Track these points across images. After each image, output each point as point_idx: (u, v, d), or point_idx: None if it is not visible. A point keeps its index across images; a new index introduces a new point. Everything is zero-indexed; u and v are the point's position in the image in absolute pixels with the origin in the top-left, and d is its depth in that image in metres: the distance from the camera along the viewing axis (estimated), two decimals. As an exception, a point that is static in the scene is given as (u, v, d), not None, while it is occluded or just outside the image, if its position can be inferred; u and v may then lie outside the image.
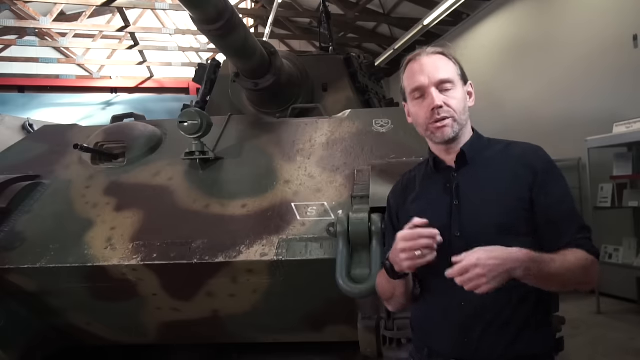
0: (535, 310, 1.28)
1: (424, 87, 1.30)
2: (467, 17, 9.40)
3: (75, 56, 12.89)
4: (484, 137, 1.41)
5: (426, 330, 1.36)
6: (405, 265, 1.19)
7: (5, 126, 5.94)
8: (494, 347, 1.24)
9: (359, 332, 2.32)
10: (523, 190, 1.27)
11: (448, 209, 1.31)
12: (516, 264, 1.10)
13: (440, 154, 1.38)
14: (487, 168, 1.33)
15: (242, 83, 3.10)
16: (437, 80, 1.30)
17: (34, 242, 2.42)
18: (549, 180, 1.29)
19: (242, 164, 2.76)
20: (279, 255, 2.23)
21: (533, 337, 1.26)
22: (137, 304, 2.50)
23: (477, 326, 1.25)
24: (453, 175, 1.35)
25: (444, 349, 1.29)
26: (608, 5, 6.02)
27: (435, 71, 1.31)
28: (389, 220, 1.51)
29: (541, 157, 1.33)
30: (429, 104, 1.30)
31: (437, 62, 1.32)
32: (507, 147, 1.37)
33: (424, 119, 1.32)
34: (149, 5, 9.67)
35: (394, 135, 2.78)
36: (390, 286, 1.34)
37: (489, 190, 1.29)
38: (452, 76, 1.32)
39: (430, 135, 1.34)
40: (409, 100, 1.37)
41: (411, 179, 1.47)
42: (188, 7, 2.25)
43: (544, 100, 7.13)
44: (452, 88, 1.32)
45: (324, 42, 4.96)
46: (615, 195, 5.03)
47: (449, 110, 1.30)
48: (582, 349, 3.85)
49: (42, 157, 2.98)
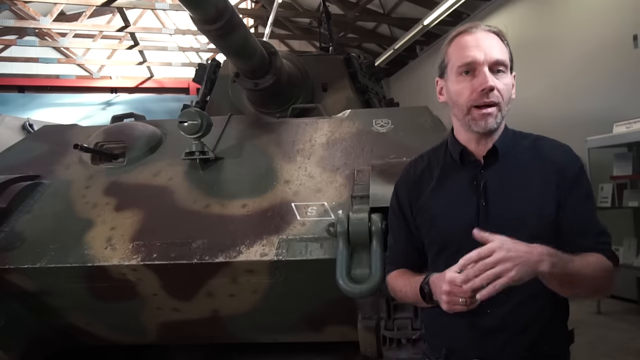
0: (555, 314, 1.26)
1: (478, 63, 1.18)
2: (467, 17, 9.40)
3: (75, 56, 12.91)
4: (510, 130, 1.31)
5: (445, 333, 1.30)
6: (444, 306, 1.10)
7: (5, 126, 5.94)
8: (517, 349, 1.22)
9: (359, 332, 2.32)
10: (553, 195, 1.22)
11: (475, 210, 1.23)
12: (543, 257, 1.03)
13: (470, 145, 1.27)
14: (517, 167, 1.25)
15: (242, 83, 3.10)
16: (493, 59, 1.18)
17: (34, 242, 2.42)
18: (575, 184, 1.24)
19: (242, 164, 2.76)
20: (279, 255, 2.23)
21: (554, 339, 1.25)
22: (137, 304, 2.50)
23: (502, 331, 1.22)
24: (480, 172, 1.25)
25: (465, 350, 1.26)
26: (608, 5, 6.02)
27: (492, 49, 1.19)
28: (398, 209, 1.39)
29: (570, 160, 1.26)
30: (480, 83, 1.17)
31: (494, 41, 1.21)
32: (535, 144, 1.29)
33: (468, 100, 1.20)
34: (149, 5, 9.68)
35: (394, 135, 2.78)
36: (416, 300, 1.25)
37: (519, 193, 1.22)
38: (506, 59, 1.21)
39: (470, 122, 1.22)
40: (453, 75, 1.24)
41: (425, 167, 1.36)
42: (188, 7, 2.25)
43: (544, 100, 7.13)
44: (505, 72, 1.21)
45: (324, 42, 4.96)
46: (615, 195, 5.03)
47: (497, 96, 1.19)
48: (582, 349, 3.84)
49: (42, 157, 2.98)
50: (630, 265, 4.82)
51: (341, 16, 10.05)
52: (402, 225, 1.39)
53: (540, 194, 1.21)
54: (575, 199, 1.23)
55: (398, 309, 2.24)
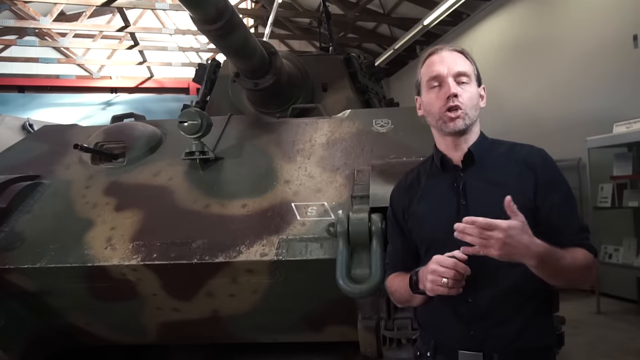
0: (539, 307, 1.33)
1: (442, 76, 1.35)
2: (467, 17, 9.40)
3: (75, 56, 12.90)
4: (489, 138, 1.45)
5: (434, 325, 1.39)
6: (427, 286, 1.23)
7: (5, 126, 5.94)
8: (499, 340, 1.28)
9: (359, 332, 2.32)
10: (527, 192, 1.32)
11: (455, 209, 1.33)
12: (536, 257, 1.14)
13: (448, 151, 1.40)
14: (493, 169, 1.37)
15: (242, 83, 3.10)
16: (455, 71, 1.35)
17: (34, 242, 2.42)
18: (551, 183, 1.34)
19: (242, 164, 2.76)
20: (279, 255, 2.24)
21: (536, 332, 1.31)
22: (137, 304, 2.50)
23: (484, 321, 1.29)
24: (460, 175, 1.38)
25: (451, 340, 1.33)
26: (608, 5, 6.02)
27: (454, 64, 1.37)
28: (392, 218, 1.52)
29: (544, 160, 1.37)
30: (445, 92, 1.34)
31: (456, 57, 1.38)
32: (511, 149, 1.41)
33: (438, 108, 1.35)
34: (149, 5, 9.67)
35: (394, 135, 2.78)
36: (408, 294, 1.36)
37: (495, 191, 1.29)
38: (469, 71, 1.38)
39: (442, 125, 1.36)
40: (425, 90, 1.40)
41: (415, 177, 1.49)
42: (188, 7, 2.25)
43: (544, 100, 7.13)
44: (468, 82, 1.37)
45: (324, 42, 4.96)
46: (615, 195, 5.03)
47: (461, 102, 1.34)
48: (582, 349, 3.84)
49: (42, 157, 2.98)
50: (631, 265, 4.81)
51: (341, 16, 10.05)
52: (397, 231, 1.50)
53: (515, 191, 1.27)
54: (552, 199, 1.32)
55: (398, 309, 2.24)
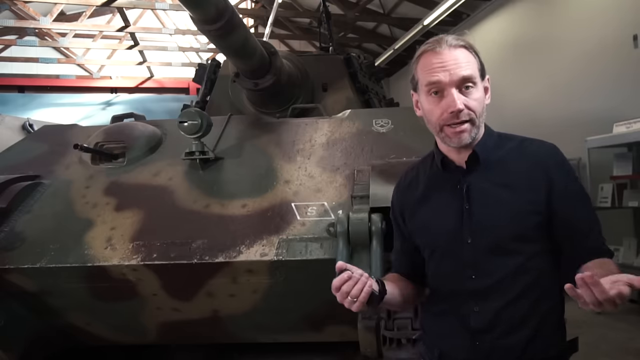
0: (548, 316, 1.23)
1: (444, 85, 1.18)
2: (467, 17, 9.41)
3: (75, 56, 12.91)
4: (495, 133, 1.31)
5: (438, 333, 1.32)
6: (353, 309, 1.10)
7: (5, 126, 5.95)
8: (505, 351, 1.21)
9: (359, 332, 2.32)
10: (538, 194, 1.21)
11: (458, 213, 1.23)
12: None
13: (450, 154, 1.28)
14: (500, 169, 1.24)
15: (242, 83, 3.10)
16: (459, 78, 1.17)
17: (34, 242, 2.42)
18: (566, 184, 1.23)
19: (242, 164, 2.76)
20: (279, 255, 2.23)
21: (546, 341, 1.23)
22: (137, 304, 2.50)
23: (490, 332, 1.21)
24: (463, 177, 1.26)
25: (455, 350, 1.26)
26: (608, 5, 6.02)
27: (457, 67, 1.17)
28: (393, 219, 1.44)
29: (557, 159, 1.25)
30: (447, 104, 1.17)
31: (459, 57, 1.18)
32: (521, 145, 1.29)
33: (439, 119, 1.20)
34: (149, 5, 9.68)
35: (394, 135, 2.78)
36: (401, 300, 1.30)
37: (501, 194, 1.21)
38: (474, 73, 1.20)
39: (445, 138, 1.22)
40: (423, 94, 1.24)
41: (414, 176, 1.39)
42: (188, 7, 2.25)
43: (544, 100, 7.13)
44: (473, 87, 1.20)
45: (324, 42, 4.96)
46: (615, 195, 5.03)
47: (469, 113, 1.19)
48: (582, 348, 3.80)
49: (42, 157, 2.98)
50: (631, 265, 4.81)
51: (341, 16, 10.05)
52: (397, 232, 1.44)
53: (524, 194, 1.20)
54: (571, 199, 1.22)
55: (398, 309, 2.24)
